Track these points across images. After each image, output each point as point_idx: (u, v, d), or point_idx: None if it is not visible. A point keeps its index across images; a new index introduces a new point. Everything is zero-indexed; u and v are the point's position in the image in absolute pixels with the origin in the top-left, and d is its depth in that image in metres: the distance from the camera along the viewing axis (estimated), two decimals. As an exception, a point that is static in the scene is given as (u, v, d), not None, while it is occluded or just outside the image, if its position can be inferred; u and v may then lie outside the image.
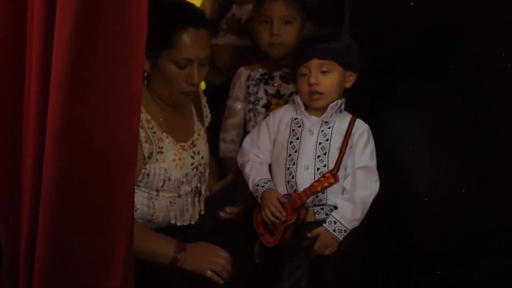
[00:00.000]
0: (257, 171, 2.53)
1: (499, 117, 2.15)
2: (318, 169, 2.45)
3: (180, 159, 2.55)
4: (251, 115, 2.91)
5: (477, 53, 2.18)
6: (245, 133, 2.86)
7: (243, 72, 2.94)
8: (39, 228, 1.99)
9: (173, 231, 2.53)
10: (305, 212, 2.44)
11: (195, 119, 2.71)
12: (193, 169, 2.61)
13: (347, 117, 2.50)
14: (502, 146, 2.15)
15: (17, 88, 2.05)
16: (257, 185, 2.50)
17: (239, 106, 2.94)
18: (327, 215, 2.46)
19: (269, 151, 2.57)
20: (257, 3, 2.89)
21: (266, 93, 2.90)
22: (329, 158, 2.45)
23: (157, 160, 2.49)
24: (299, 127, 2.51)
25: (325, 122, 2.48)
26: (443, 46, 2.28)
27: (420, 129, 2.43)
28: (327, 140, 2.47)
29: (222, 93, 3.06)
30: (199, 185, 2.67)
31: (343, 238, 2.43)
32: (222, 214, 2.69)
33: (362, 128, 2.48)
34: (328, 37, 2.48)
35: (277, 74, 2.91)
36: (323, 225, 2.43)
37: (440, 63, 2.30)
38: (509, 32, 2.07)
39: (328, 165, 2.44)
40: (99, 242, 2.03)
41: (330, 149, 2.46)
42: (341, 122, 2.48)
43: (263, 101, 2.90)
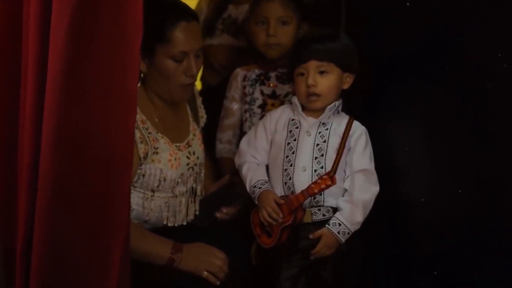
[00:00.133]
0: (254, 172, 2.53)
1: (496, 118, 2.15)
2: (315, 171, 2.44)
3: (175, 160, 2.55)
4: (247, 115, 2.90)
5: (473, 54, 2.18)
6: (242, 134, 2.86)
7: (240, 72, 2.94)
8: (35, 228, 1.99)
9: (169, 232, 2.53)
10: (302, 213, 2.44)
11: (190, 119, 2.71)
12: (188, 169, 2.60)
13: (345, 119, 2.50)
14: (499, 146, 2.14)
15: (13, 88, 2.05)
16: (254, 187, 2.50)
17: (236, 106, 2.94)
18: (324, 216, 2.46)
19: (266, 152, 2.57)
20: (254, 4, 2.88)
21: (262, 93, 2.90)
22: (326, 159, 2.45)
23: (153, 160, 2.49)
24: (296, 128, 2.50)
25: (323, 123, 2.48)
26: (439, 46, 2.28)
27: (417, 130, 2.43)
28: (324, 141, 2.47)
29: (218, 94, 3.06)
30: (194, 185, 2.66)
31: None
32: (218, 215, 2.69)
33: (359, 130, 2.48)
34: (326, 38, 2.47)
35: (273, 74, 2.90)
36: (327, 226, 2.42)
37: (436, 63, 2.29)
38: (505, 32, 2.07)
39: (325, 167, 2.44)
40: (96, 242, 2.03)
41: (327, 150, 2.45)
42: (339, 123, 2.48)
43: (259, 102, 2.90)
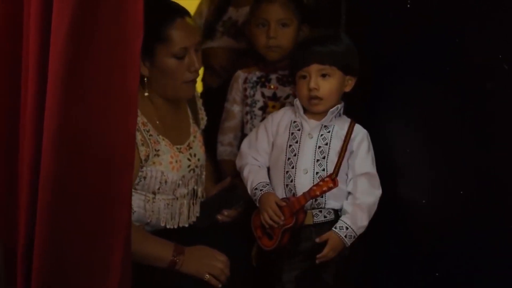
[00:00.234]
0: (255, 175, 2.53)
1: (496, 119, 2.14)
2: (317, 173, 2.44)
3: (176, 162, 2.55)
4: (248, 117, 2.90)
5: (473, 55, 2.18)
6: (243, 136, 2.86)
7: (240, 75, 2.94)
8: (36, 228, 2.00)
9: (170, 234, 2.52)
10: (303, 216, 2.43)
11: (191, 121, 2.71)
12: (189, 172, 2.60)
13: (346, 122, 2.50)
14: (500, 147, 2.14)
15: (13, 88, 2.06)
16: (256, 189, 2.49)
17: (237, 109, 2.94)
18: (326, 217, 2.46)
19: (268, 154, 2.56)
20: (254, 6, 2.88)
21: (262, 95, 2.90)
22: (328, 162, 2.45)
23: (154, 163, 2.49)
24: (298, 130, 2.50)
25: (325, 126, 2.48)
26: (439, 47, 2.28)
27: (417, 130, 2.43)
28: (326, 144, 2.47)
29: (218, 96, 3.06)
30: (196, 187, 2.66)
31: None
32: (220, 217, 2.68)
33: (361, 134, 2.48)
34: (328, 40, 2.47)
35: (273, 76, 2.90)
36: (334, 230, 2.41)
37: (436, 64, 2.29)
38: (505, 33, 2.07)
39: (327, 169, 2.44)
40: (96, 242, 2.03)
41: (329, 153, 2.45)
42: (341, 126, 2.48)
43: (260, 104, 2.90)
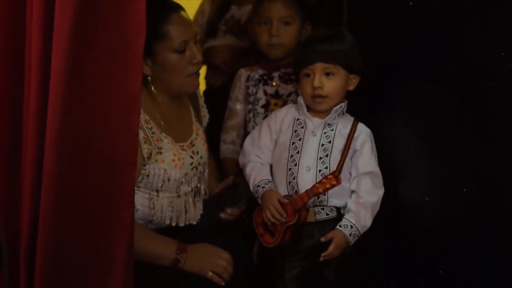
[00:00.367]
0: (258, 172, 2.53)
1: (499, 117, 2.15)
2: (319, 171, 2.44)
3: (179, 159, 2.55)
4: (251, 115, 2.90)
5: (476, 53, 2.18)
6: (246, 134, 2.85)
7: (243, 73, 2.94)
8: (39, 227, 2.00)
9: (173, 232, 2.53)
10: (306, 213, 2.43)
11: (193, 119, 2.71)
12: (192, 169, 2.61)
13: (350, 120, 2.50)
14: (502, 145, 2.14)
15: (16, 88, 2.06)
16: (258, 186, 2.49)
17: (239, 107, 2.94)
18: (328, 215, 2.46)
19: (270, 151, 2.56)
20: (256, 4, 2.88)
21: (265, 93, 2.90)
22: (330, 160, 2.45)
23: (157, 160, 2.50)
24: (302, 128, 2.50)
25: (328, 124, 2.48)
26: (442, 46, 2.28)
27: (420, 129, 2.43)
28: (329, 142, 2.47)
29: (221, 94, 3.07)
30: (199, 185, 2.67)
31: None
32: (222, 215, 2.69)
33: (365, 132, 2.48)
34: (332, 39, 2.47)
35: (276, 74, 2.90)
36: (339, 228, 2.41)
37: (438, 63, 2.29)
38: (508, 31, 2.07)
39: (329, 167, 2.44)
40: (99, 241, 2.04)
41: (332, 151, 2.45)
42: (344, 125, 2.48)
43: (262, 102, 2.90)
